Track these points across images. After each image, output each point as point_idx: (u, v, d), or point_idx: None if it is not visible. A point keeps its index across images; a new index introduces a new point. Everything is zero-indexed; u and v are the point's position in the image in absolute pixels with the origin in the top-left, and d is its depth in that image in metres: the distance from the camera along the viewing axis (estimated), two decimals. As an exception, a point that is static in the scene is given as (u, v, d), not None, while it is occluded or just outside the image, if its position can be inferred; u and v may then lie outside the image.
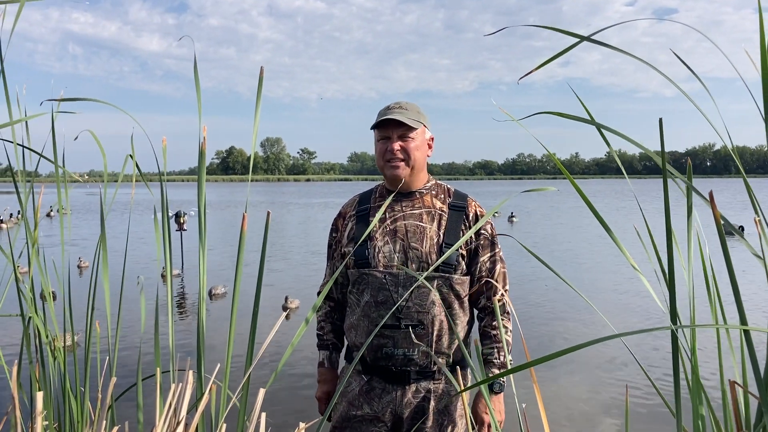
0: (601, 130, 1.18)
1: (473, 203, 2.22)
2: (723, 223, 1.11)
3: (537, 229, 21.77)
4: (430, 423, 2.11)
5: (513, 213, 26.19)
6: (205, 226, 1.61)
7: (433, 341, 2.08)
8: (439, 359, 2.11)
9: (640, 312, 8.47)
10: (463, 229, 2.14)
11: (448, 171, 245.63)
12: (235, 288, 1.59)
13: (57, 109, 1.85)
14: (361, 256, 2.12)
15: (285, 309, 8.66)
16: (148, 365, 1.76)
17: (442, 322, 2.08)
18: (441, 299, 2.08)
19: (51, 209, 27.29)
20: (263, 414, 1.61)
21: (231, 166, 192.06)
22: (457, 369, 2.14)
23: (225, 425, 1.59)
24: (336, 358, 2.35)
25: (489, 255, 2.18)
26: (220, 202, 46.12)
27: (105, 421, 1.75)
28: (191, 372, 1.62)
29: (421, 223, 2.13)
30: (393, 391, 2.11)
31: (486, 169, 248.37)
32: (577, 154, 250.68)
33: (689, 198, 1.17)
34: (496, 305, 2.10)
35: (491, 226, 2.20)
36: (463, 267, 2.14)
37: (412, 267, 2.08)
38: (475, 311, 2.26)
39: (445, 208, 2.17)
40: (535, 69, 1.17)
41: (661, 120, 1.09)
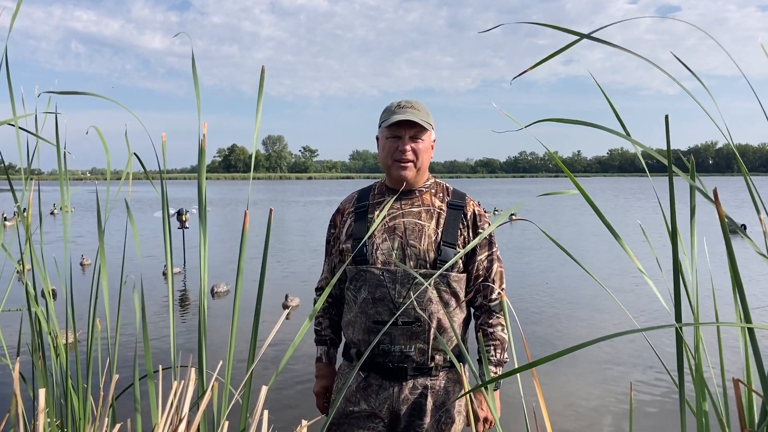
0: (607, 127, 1.18)
1: (471, 202, 2.23)
2: (728, 219, 1.10)
3: (535, 226, 21.71)
4: (428, 419, 2.11)
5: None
6: (206, 225, 1.60)
7: (430, 338, 2.08)
8: (438, 356, 2.11)
9: (646, 310, 8.46)
10: (461, 228, 2.15)
11: (450, 169, 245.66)
12: (237, 286, 1.58)
13: (48, 107, 1.85)
14: (359, 252, 2.13)
15: (285, 307, 8.66)
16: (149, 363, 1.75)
17: (439, 320, 2.09)
18: (438, 297, 2.09)
19: (54, 207, 27.32)
20: (265, 411, 1.61)
21: (233, 164, 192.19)
22: (460, 365, 2.14)
23: (227, 423, 1.59)
24: (334, 353, 2.36)
25: (486, 254, 2.19)
26: (222, 200, 46.16)
27: (107, 419, 1.75)
28: (193, 369, 1.62)
29: (419, 221, 2.14)
30: (390, 388, 2.12)
31: (488, 167, 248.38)
32: (579, 152, 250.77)
33: (692, 196, 1.17)
34: (502, 303, 2.10)
35: (489, 225, 2.20)
36: (460, 265, 2.15)
37: (410, 264, 2.08)
38: (471, 309, 2.27)
39: (444, 207, 2.18)
40: (531, 68, 1.15)
41: (667, 117, 1.08)
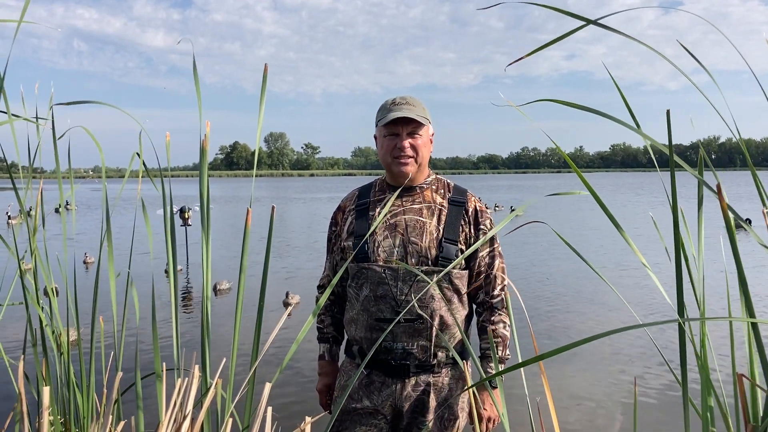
0: (612, 116, 1.17)
1: (473, 198, 2.22)
2: (732, 211, 1.10)
3: (541, 224, 21.69)
4: (431, 416, 2.11)
5: (513, 207, 26.10)
6: (209, 224, 1.60)
7: (433, 335, 2.08)
8: (440, 353, 2.11)
9: (651, 304, 8.45)
10: (462, 224, 2.14)
11: (452, 165, 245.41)
12: (239, 283, 1.58)
13: (49, 111, 1.85)
14: (361, 250, 2.12)
15: (286, 305, 8.65)
16: (151, 361, 1.76)
17: (441, 317, 2.09)
18: (440, 294, 2.09)
19: (59, 205, 27.33)
20: (269, 408, 1.61)
21: (235, 161, 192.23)
22: (464, 363, 2.14)
23: (231, 420, 1.59)
24: (336, 350, 2.36)
25: (488, 250, 2.19)
26: (225, 197, 46.19)
27: (111, 416, 1.75)
28: (197, 367, 1.62)
29: (421, 218, 2.13)
30: (393, 385, 2.12)
31: (490, 164, 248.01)
32: (581, 147, 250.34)
33: (700, 190, 1.16)
34: (504, 300, 2.10)
35: (490, 221, 2.20)
36: (462, 262, 2.14)
37: (412, 261, 2.08)
38: (474, 306, 2.26)
39: (445, 203, 2.17)
40: (529, 54, 1.15)
41: (668, 112, 1.08)
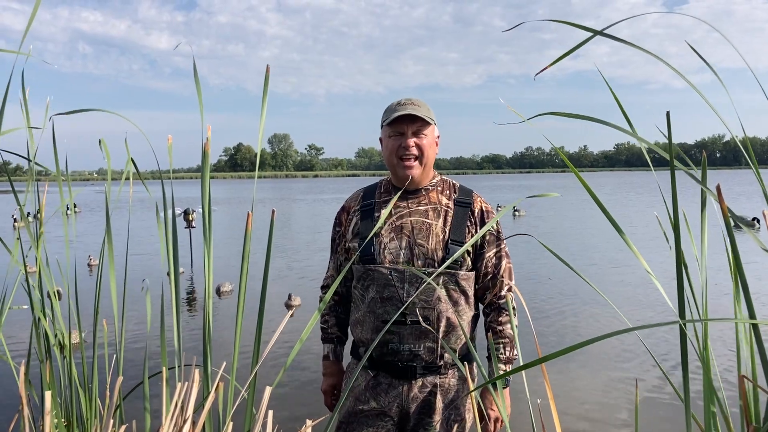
0: (610, 122, 1.17)
1: (479, 199, 2.22)
2: (732, 215, 1.10)
3: (543, 223, 21.68)
4: (437, 418, 2.11)
5: (516, 207, 25.95)
6: (211, 227, 1.60)
7: (439, 337, 2.08)
8: (446, 354, 2.11)
9: (653, 305, 8.43)
10: (468, 226, 2.14)
11: (456, 165, 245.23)
12: (240, 286, 1.59)
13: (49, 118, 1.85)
14: (367, 252, 2.12)
15: (288, 306, 8.63)
16: (154, 364, 1.76)
17: (448, 318, 2.08)
18: (447, 295, 2.08)
19: (67, 208, 27.35)
20: (270, 411, 1.61)
21: (239, 162, 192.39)
22: (465, 365, 2.14)
23: (232, 423, 1.59)
24: (341, 351, 2.36)
25: (495, 251, 2.19)
26: (228, 198, 46.25)
27: (113, 420, 1.75)
28: (197, 371, 1.62)
29: (427, 220, 2.13)
30: (399, 386, 2.12)
31: (494, 163, 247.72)
32: (585, 147, 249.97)
33: (704, 191, 1.16)
34: (509, 301, 2.10)
35: (496, 221, 2.19)
36: (469, 263, 2.14)
37: (418, 263, 2.08)
38: (480, 307, 2.26)
39: (451, 205, 2.17)
40: (550, 65, 1.16)
41: (668, 113, 1.07)
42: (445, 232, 2.12)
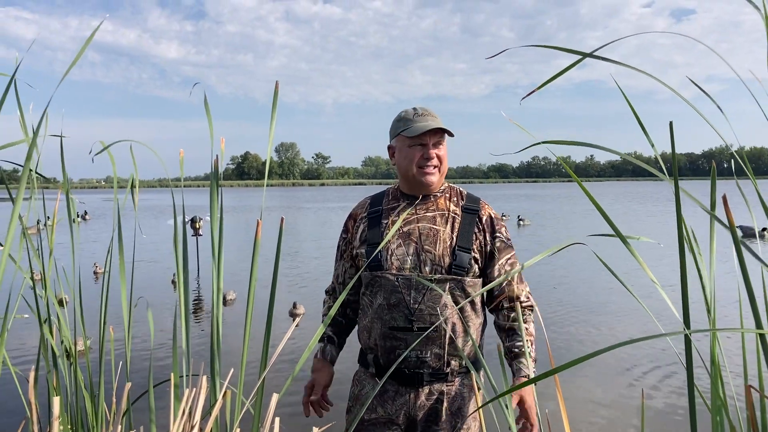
0: (602, 146, 1.18)
1: (486, 206, 2.24)
2: (739, 225, 1.10)
3: (547, 232, 21.62)
4: (444, 426, 2.11)
5: (521, 216, 25.90)
6: (222, 238, 1.61)
7: (446, 343, 2.08)
8: (453, 361, 2.11)
9: (663, 315, 8.38)
10: (476, 232, 2.16)
11: (463, 174, 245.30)
12: (249, 293, 1.59)
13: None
14: (374, 258, 2.13)
15: (292, 315, 8.61)
16: (159, 371, 1.77)
17: (454, 325, 2.09)
18: (453, 302, 2.09)
19: (78, 214, 27.46)
20: (277, 419, 1.62)
21: (246, 171, 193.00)
22: (473, 373, 2.14)
23: (239, 430, 1.60)
24: (331, 350, 2.33)
25: (507, 257, 2.21)
26: (235, 206, 46.37)
27: (120, 426, 1.76)
28: (205, 377, 1.63)
29: (434, 226, 2.14)
30: (406, 394, 2.12)
31: (501, 173, 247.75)
32: (592, 156, 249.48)
33: (713, 199, 1.16)
34: (535, 307, 2.14)
35: (505, 229, 2.23)
36: (476, 270, 2.15)
37: (425, 270, 2.09)
38: (487, 314, 2.28)
39: (459, 211, 2.19)
40: (538, 89, 1.17)
41: (671, 123, 1.08)
42: (453, 238, 2.13)
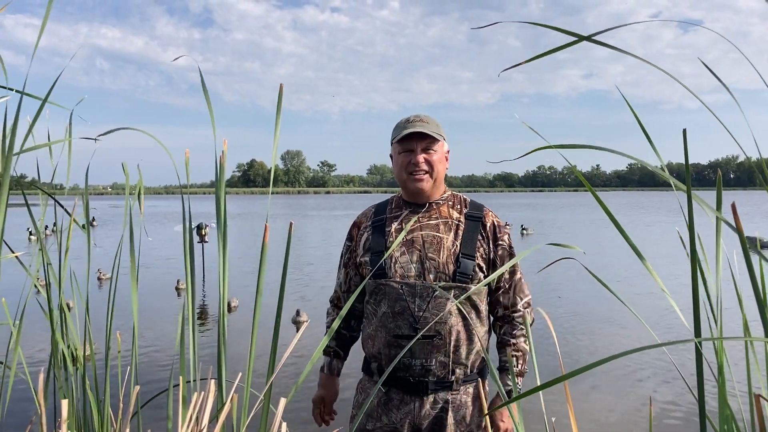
0: (608, 148, 1.18)
1: (490, 213, 2.23)
2: (747, 236, 1.10)
3: (551, 241, 21.51)
4: None
5: (524, 225, 25.82)
6: (226, 243, 1.62)
7: (451, 351, 2.08)
8: (458, 369, 2.10)
9: (673, 325, 8.35)
10: (480, 240, 2.15)
11: (468, 183, 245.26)
12: (257, 298, 1.60)
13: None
14: (378, 266, 2.13)
15: (295, 322, 8.58)
16: (165, 375, 1.77)
17: (459, 333, 2.08)
18: (458, 309, 2.09)
19: (92, 219, 27.48)
20: (284, 424, 1.62)
21: (252, 178, 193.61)
22: (479, 380, 2.13)
23: (246, 435, 1.60)
24: (336, 365, 2.35)
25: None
26: (240, 213, 46.45)
27: (128, 430, 1.77)
28: (213, 382, 1.63)
29: (438, 234, 2.14)
30: (411, 402, 2.11)
31: (506, 182, 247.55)
32: (598, 166, 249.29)
33: (719, 209, 1.16)
34: (527, 316, 2.12)
35: (508, 236, 2.22)
36: (480, 277, 2.14)
37: (429, 277, 2.08)
38: (495, 321, 2.27)
39: (462, 219, 2.18)
40: (526, 62, 1.14)
41: (684, 131, 1.08)
42: (456, 245, 2.12)
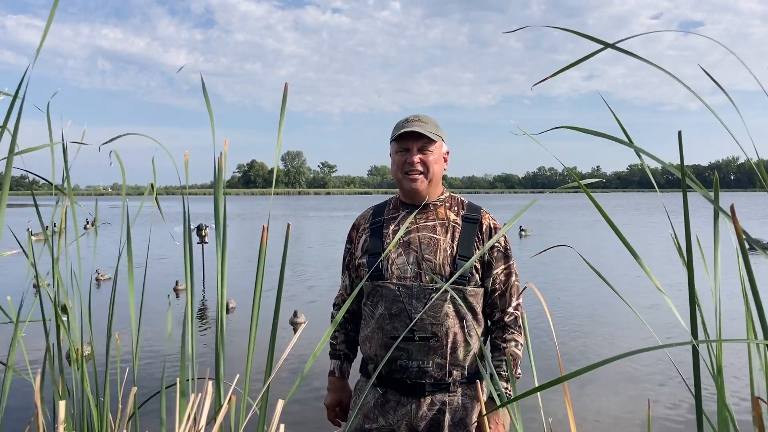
0: (627, 139, 1.18)
1: (487, 215, 2.22)
2: (746, 237, 1.10)
3: (548, 242, 21.55)
4: None
5: (522, 227, 25.77)
6: (225, 243, 1.61)
7: (448, 353, 2.07)
8: (455, 371, 2.10)
9: (675, 326, 8.34)
10: (476, 241, 2.14)
11: (468, 185, 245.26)
12: (255, 298, 1.60)
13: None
14: (375, 268, 2.13)
15: (292, 324, 8.59)
16: (161, 376, 1.77)
17: (455, 334, 2.08)
18: (454, 311, 2.08)
19: (87, 222, 27.44)
20: (282, 425, 1.62)
21: (252, 179, 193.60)
22: (477, 382, 2.13)
23: (243, 436, 1.60)
24: (347, 368, 2.36)
25: (503, 267, 2.19)
26: (240, 214, 46.45)
27: (125, 431, 1.76)
28: (210, 382, 1.63)
29: (434, 235, 2.14)
30: (408, 404, 2.11)
31: (506, 183, 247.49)
32: (598, 167, 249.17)
33: (716, 213, 1.16)
34: (518, 318, 2.10)
35: (505, 238, 2.20)
36: (477, 279, 2.14)
37: (426, 279, 2.08)
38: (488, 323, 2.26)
39: (459, 220, 2.18)
40: (552, 75, 1.15)
41: (680, 133, 1.08)
42: (453, 247, 2.12)
